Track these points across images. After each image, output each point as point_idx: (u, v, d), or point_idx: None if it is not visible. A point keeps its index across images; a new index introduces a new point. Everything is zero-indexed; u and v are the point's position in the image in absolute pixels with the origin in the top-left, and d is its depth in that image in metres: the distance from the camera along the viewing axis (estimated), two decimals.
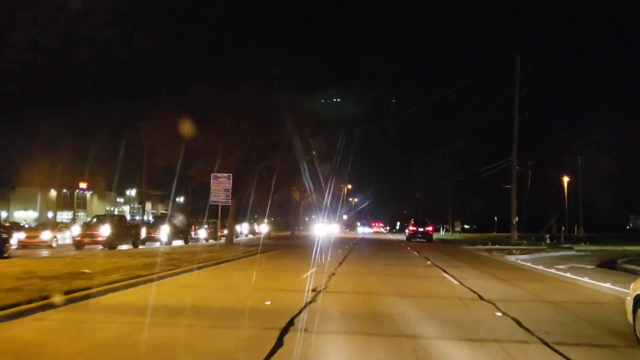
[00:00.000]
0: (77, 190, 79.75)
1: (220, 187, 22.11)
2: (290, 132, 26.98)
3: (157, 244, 28.78)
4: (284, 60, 29.62)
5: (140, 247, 26.96)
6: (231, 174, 22.57)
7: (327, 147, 41.43)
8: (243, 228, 45.98)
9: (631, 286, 6.95)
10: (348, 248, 28.49)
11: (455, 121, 54.27)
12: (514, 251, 23.57)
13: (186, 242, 32.68)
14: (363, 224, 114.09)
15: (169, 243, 29.65)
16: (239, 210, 56.99)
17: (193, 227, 35.72)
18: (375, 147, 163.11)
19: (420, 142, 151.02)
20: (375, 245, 33.36)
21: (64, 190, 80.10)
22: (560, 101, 64.67)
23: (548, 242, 34.07)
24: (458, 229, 66.71)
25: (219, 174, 22.50)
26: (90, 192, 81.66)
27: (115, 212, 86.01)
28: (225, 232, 40.43)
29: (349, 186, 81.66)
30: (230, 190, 22.28)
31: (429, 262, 19.47)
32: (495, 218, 73.69)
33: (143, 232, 28.93)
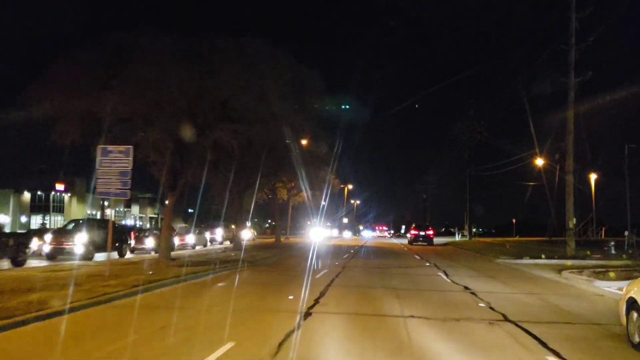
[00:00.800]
0: (53, 193, 70.61)
1: (114, 168, 12.45)
2: (252, 93, 17.33)
3: (76, 258, 19.29)
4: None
5: (35, 264, 17.54)
6: (131, 147, 12.87)
7: (322, 132, 31.79)
8: (217, 234, 36.30)
9: (624, 288, 6.86)
10: (341, 264, 18.75)
11: (474, 107, 44.26)
12: (610, 274, 13.65)
13: (122, 254, 23.16)
14: (366, 227, 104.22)
15: (89, 257, 20.05)
16: (209, 212, 47.27)
17: (133, 233, 26.02)
18: (380, 146, 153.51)
19: (431, 137, 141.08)
20: (380, 258, 23.49)
21: (39, 193, 71.13)
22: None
23: (613, 251, 24.14)
24: (457, 232, 56.21)
25: (111, 147, 12.81)
26: (69, 195, 72.53)
27: (98, 216, 76.86)
28: (188, 239, 30.80)
29: (350, 186, 71.90)
30: (130, 175, 12.57)
31: (482, 304, 9.69)
32: (514, 220, 63.60)
33: (35, 244, 19.34)
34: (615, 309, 7.65)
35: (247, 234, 41.57)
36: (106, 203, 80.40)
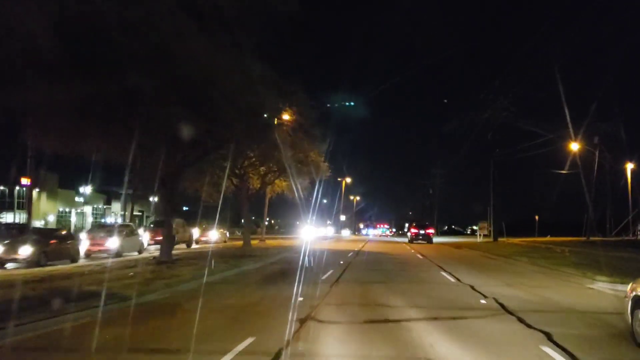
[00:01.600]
0: (19, 188, 60.69)
1: None
2: None
3: None
4: None
5: None
6: None
7: (305, 95, 21.89)
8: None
9: (629, 286, 6.55)
10: (305, 307, 8.56)
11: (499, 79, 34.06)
12: None
13: None
14: (367, 226, 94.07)
15: None
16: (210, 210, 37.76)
17: None
18: (382, 141, 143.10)
19: (437, 133, 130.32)
20: (387, 282, 12.85)
21: (1, 188, 61.18)
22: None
23: None
24: (486, 232, 45.12)
25: None
26: (37, 190, 62.43)
27: (73, 214, 66.98)
28: (109, 244, 20.63)
29: (348, 180, 61.73)
30: None
31: None
32: (537, 217, 52.91)
33: None
34: None
35: (214, 235, 31.72)
36: (82, 199, 69.83)
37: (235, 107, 14.20)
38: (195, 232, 32.80)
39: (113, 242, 20.33)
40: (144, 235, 24.15)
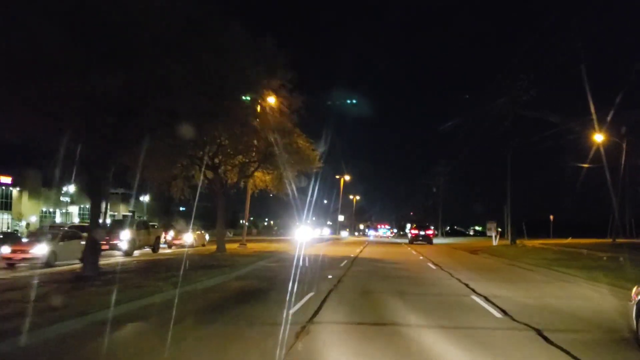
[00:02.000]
0: None
1: None
2: None
3: None
4: None
5: None
6: None
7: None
8: (122, 239, 21.26)
9: (633, 290, 6.23)
10: None
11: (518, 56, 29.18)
12: None
13: None
14: (370, 227, 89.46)
15: None
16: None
17: None
18: (385, 140, 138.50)
19: (441, 123, 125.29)
20: (400, 326, 8.28)
21: None
22: None
23: None
24: (494, 233, 39.65)
25: None
26: (18, 189, 58.01)
27: (57, 214, 62.47)
28: (37, 250, 15.91)
29: (347, 177, 57.00)
30: None
31: None
32: (551, 217, 47.85)
33: None
34: None
35: (189, 238, 27.14)
36: (67, 199, 64.77)
37: (174, 53, 9.58)
38: (171, 234, 28.38)
39: (40, 249, 15.67)
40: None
